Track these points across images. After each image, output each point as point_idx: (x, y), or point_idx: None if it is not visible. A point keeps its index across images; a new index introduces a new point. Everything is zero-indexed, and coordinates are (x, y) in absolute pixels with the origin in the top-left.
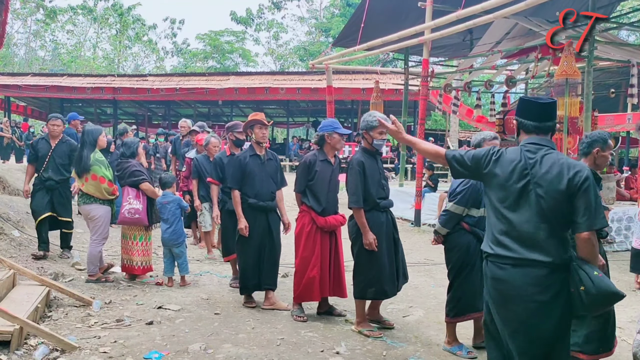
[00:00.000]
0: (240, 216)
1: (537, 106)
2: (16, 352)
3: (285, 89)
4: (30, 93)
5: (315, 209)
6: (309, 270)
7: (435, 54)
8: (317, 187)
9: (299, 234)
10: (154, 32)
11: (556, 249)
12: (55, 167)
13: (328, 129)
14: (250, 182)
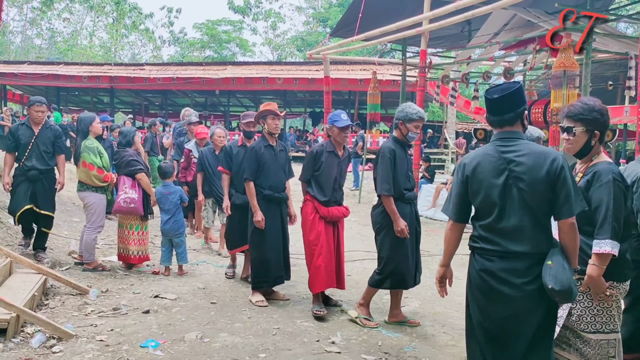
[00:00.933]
0: (256, 208)
1: (491, 101)
2: (13, 340)
3: (282, 79)
4: (27, 81)
5: (318, 199)
6: (315, 259)
7: (433, 45)
8: (322, 177)
9: (304, 223)
10: (151, 20)
11: (541, 239)
12: (39, 156)
13: (329, 123)
14: (265, 173)
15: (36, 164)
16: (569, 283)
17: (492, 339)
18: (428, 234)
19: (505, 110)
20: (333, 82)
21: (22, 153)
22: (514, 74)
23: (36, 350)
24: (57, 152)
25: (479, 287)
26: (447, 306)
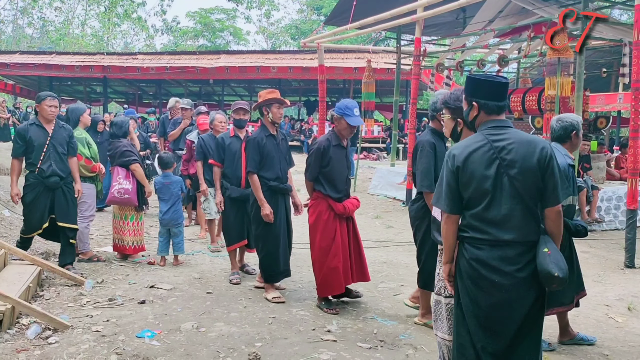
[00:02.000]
0: (263, 201)
1: (499, 86)
2: (8, 331)
3: (276, 67)
4: (19, 71)
5: (332, 196)
6: (329, 260)
7: (427, 33)
8: (333, 173)
9: (315, 224)
10: (143, 9)
11: (531, 227)
12: (58, 158)
13: (338, 111)
14: (269, 164)
15: (56, 169)
16: (567, 269)
17: (482, 326)
18: None
19: (505, 96)
20: (327, 71)
21: (36, 157)
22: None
23: (32, 341)
24: (70, 153)
25: (470, 276)
26: None
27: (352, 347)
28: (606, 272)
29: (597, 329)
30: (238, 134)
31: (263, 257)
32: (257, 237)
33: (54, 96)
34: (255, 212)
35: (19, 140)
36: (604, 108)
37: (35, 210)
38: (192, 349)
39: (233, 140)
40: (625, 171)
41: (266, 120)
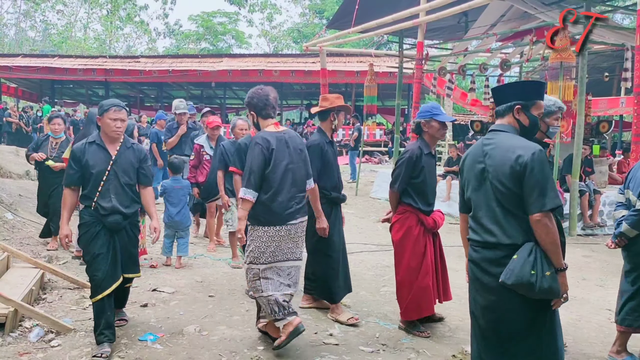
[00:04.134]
0: (320, 213)
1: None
2: (11, 334)
3: (278, 71)
4: (21, 74)
5: (422, 210)
6: (420, 280)
7: (429, 37)
8: (424, 184)
9: (403, 241)
10: (146, 12)
11: (514, 230)
12: (121, 191)
13: (426, 115)
14: (329, 172)
15: (118, 205)
16: (526, 277)
17: (478, 327)
18: None
19: (499, 101)
20: (330, 74)
21: (92, 188)
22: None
23: (34, 344)
24: (142, 183)
25: (470, 277)
26: None
27: (354, 351)
28: (608, 276)
29: (599, 333)
30: None
31: (320, 276)
32: (314, 253)
33: (120, 106)
34: (310, 226)
35: (73, 164)
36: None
37: (98, 258)
38: (195, 353)
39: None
40: None
41: (327, 126)
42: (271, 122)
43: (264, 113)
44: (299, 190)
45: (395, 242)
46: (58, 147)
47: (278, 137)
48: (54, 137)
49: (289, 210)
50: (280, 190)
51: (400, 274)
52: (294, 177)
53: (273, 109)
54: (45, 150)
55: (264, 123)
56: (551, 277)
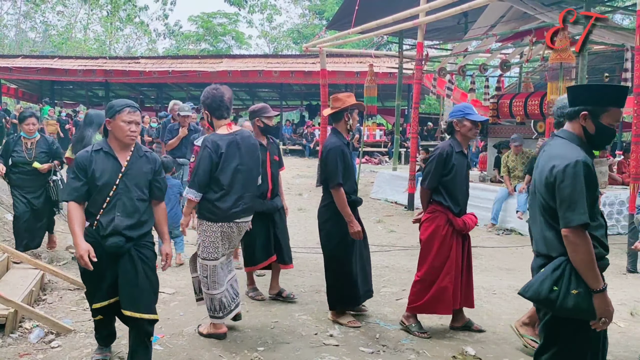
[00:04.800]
0: (351, 217)
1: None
2: (11, 335)
3: (278, 72)
4: (21, 75)
5: (452, 210)
6: (440, 280)
7: (429, 37)
8: (454, 183)
9: (430, 240)
10: (146, 13)
11: (552, 243)
12: (129, 207)
13: (458, 114)
14: (349, 175)
15: (120, 224)
16: (544, 293)
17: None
18: None
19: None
20: (329, 75)
21: (95, 203)
22: (511, 66)
23: (35, 345)
24: (155, 197)
25: None
26: None
27: (355, 351)
28: (608, 276)
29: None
30: (261, 141)
31: (337, 279)
32: (333, 257)
33: (134, 107)
34: (328, 230)
35: (79, 175)
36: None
37: (91, 279)
38: (195, 354)
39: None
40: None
41: (342, 127)
42: (224, 123)
43: (218, 114)
44: (249, 190)
45: (422, 240)
46: (35, 147)
47: (229, 140)
48: (27, 137)
49: (235, 209)
50: (229, 190)
51: (422, 272)
52: (245, 177)
53: (227, 110)
54: (20, 153)
55: (217, 123)
56: (578, 296)
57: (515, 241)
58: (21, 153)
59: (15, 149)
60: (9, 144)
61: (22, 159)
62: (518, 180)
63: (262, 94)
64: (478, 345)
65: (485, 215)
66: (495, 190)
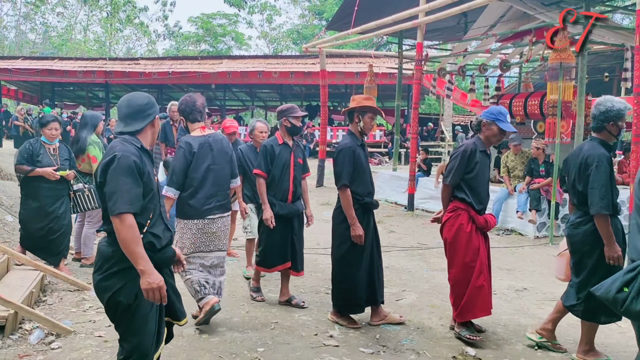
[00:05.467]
0: (354, 220)
1: None
2: (11, 336)
3: (278, 72)
4: (21, 77)
5: (475, 207)
6: (475, 279)
7: (429, 38)
8: (478, 181)
9: (456, 239)
10: (145, 14)
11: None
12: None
13: (490, 116)
14: (361, 177)
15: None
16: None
17: None
18: (425, 227)
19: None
20: (329, 76)
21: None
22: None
23: (35, 346)
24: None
25: None
26: (444, 299)
27: (355, 352)
28: None
29: (600, 333)
30: (287, 141)
31: (342, 283)
32: (338, 261)
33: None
34: (342, 232)
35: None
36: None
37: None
38: (195, 355)
39: (282, 148)
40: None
41: (354, 128)
42: (198, 126)
43: (191, 117)
44: (221, 189)
45: (447, 240)
46: (58, 154)
47: (201, 141)
48: (48, 143)
49: (207, 206)
50: (199, 188)
51: (454, 273)
52: (216, 177)
53: (200, 114)
54: (47, 159)
55: (191, 126)
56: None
57: (515, 241)
58: (47, 160)
59: (40, 155)
60: (33, 149)
61: (46, 165)
62: (518, 180)
63: (262, 95)
64: (477, 344)
65: None
66: (495, 191)
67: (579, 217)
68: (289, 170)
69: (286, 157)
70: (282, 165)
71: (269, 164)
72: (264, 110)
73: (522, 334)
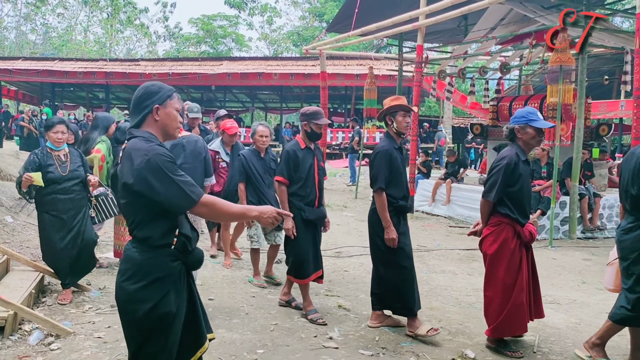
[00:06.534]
0: (389, 223)
1: None
2: (10, 337)
3: (278, 74)
4: (21, 77)
5: (520, 221)
6: (515, 297)
7: (429, 40)
8: (522, 193)
9: (499, 254)
10: (146, 15)
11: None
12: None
13: (520, 120)
14: (397, 180)
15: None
16: None
17: None
18: (425, 229)
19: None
20: (329, 77)
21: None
22: (511, 68)
23: (34, 347)
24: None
25: None
26: (443, 301)
27: (354, 354)
28: None
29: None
30: (308, 145)
31: (394, 287)
32: (384, 264)
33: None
34: (378, 234)
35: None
36: (606, 115)
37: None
38: None
39: (306, 152)
40: None
41: (391, 130)
42: None
43: None
44: None
45: (488, 255)
46: (70, 161)
47: (174, 142)
48: (55, 149)
49: None
50: None
51: (492, 290)
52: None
53: None
54: (54, 169)
55: None
56: None
57: None
58: (54, 169)
59: (49, 166)
60: (40, 161)
61: (58, 175)
62: None
63: (262, 96)
64: (477, 348)
65: None
66: None
67: (631, 222)
68: (313, 175)
69: (310, 162)
70: (307, 170)
71: (292, 170)
72: (264, 112)
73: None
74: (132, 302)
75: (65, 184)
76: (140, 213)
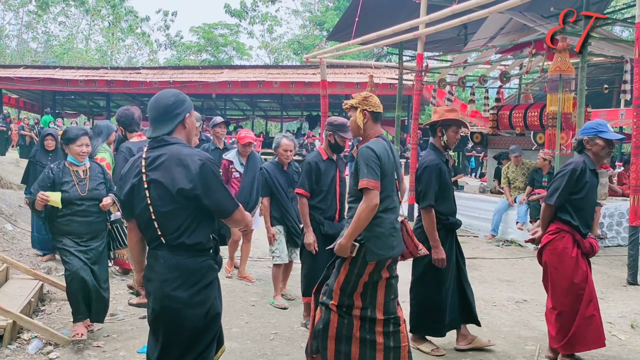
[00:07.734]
0: (437, 242)
1: None
2: (9, 346)
3: (279, 82)
4: (23, 85)
5: (581, 231)
6: (584, 308)
7: (429, 49)
8: (586, 202)
9: (560, 262)
10: (147, 24)
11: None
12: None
13: (589, 132)
14: (445, 195)
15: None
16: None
17: None
18: None
19: None
20: (330, 86)
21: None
22: (510, 77)
23: (33, 356)
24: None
25: None
26: None
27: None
28: (609, 289)
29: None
30: (331, 156)
31: (419, 304)
32: (417, 281)
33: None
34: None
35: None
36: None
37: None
38: None
39: (328, 164)
40: (628, 187)
41: (437, 142)
42: (135, 134)
43: (130, 128)
44: None
45: (548, 264)
46: (89, 178)
47: (139, 146)
48: (77, 164)
49: None
50: None
51: (559, 302)
52: None
53: (137, 125)
54: (71, 187)
55: (130, 135)
56: None
57: (515, 252)
58: (72, 187)
59: (65, 183)
60: (55, 177)
61: (75, 195)
62: (518, 192)
63: (263, 105)
64: (477, 356)
65: (485, 226)
66: (495, 202)
67: None
68: (335, 187)
69: (332, 174)
70: (329, 182)
71: (313, 182)
72: (265, 120)
73: (521, 345)
74: (189, 308)
75: (83, 206)
76: (189, 218)
